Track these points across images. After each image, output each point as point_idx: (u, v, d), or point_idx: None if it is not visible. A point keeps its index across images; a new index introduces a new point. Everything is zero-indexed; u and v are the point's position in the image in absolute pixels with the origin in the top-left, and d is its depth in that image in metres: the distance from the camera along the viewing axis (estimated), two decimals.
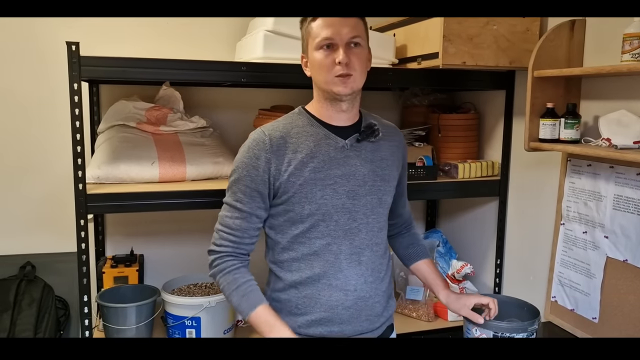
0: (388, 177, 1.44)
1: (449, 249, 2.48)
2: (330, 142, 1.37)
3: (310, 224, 1.35)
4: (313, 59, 1.34)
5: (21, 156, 2.26)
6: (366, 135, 1.40)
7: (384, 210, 1.44)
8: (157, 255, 2.43)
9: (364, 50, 1.36)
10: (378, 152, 1.43)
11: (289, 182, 1.33)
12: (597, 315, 1.80)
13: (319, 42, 1.32)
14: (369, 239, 1.38)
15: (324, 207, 1.33)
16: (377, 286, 1.42)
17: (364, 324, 1.40)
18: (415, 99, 2.52)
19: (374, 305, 1.42)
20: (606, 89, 1.78)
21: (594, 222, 1.81)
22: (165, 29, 2.34)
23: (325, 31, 1.31)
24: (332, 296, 1.37)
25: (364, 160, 1.39)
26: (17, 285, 2.17)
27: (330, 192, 1.35)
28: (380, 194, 1.42)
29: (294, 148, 1.34)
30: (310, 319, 1.38)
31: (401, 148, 1.52)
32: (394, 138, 1.50)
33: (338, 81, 1.32)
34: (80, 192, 1.71)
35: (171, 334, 2.07)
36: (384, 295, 1.46)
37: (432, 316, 2.26)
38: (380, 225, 1.43)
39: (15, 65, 2.21)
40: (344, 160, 1.37)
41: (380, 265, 1.44)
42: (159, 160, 1.97)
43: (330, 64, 1.31)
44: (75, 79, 1.66)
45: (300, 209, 1.34)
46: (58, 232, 2.30)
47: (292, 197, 1.34)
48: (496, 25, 1.94)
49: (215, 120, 2.31)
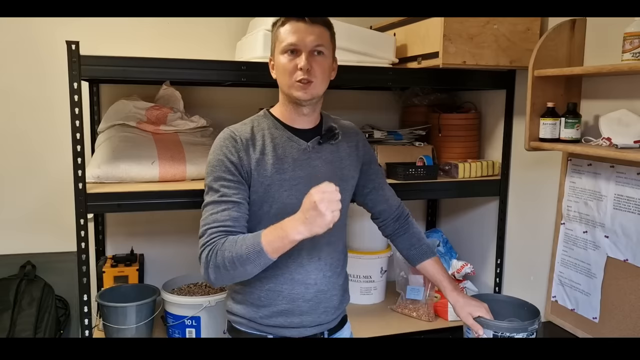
0: (346, 176, 1.52)
1: (449, 248, 2.47)
2: (294, 145, 1.44)
3: (276, 222, 1.33)
4: (278, 62, 1.41)
5: (22, 156, 2.25)
6: (327, 138, 1.48)
7: (343, 209, 1.44)
8: (157, 255, 2.42)
9: (327, 59, 1.41)
10: (337, 153, 1.51)
11: (257, 181, 1.39)
12: (597, 315, 1.79)
13: (284, 46, 1.38)
14: (328, 236, 1.38)
15: (289, 207, 1.35)
16: (334, 280, 1.50)
17: (322, 316, 1.48)
18: (415, 98, 2.52)
19: (332, 298, 1.50)
20: (607, 89, 1.77)
21: (595, 222, 1.81)
22: (166, 28, 2.33)
23: (291, 37, 1.37)
24: (293, 289, 1.44)
25: (325, 162, 1.47)
26: (17, 285, 2.17)
27: (294, 193, 1.40)
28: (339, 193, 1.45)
29: (260, 149, 1.41)
30: (273, 310, 1.44)
31: (360, 147, 1.58)
32: (352, 138, 1.57)
33: (299, 86, 1.38)
34: (80, 191, 1.71)
35: (171, 333, 2.07)
36: (340, 289, 1.54)
37: (432, 316, 2.25)
38: (340, 223, 1.41)
39: (15, 65, 2.21)
40: (306, 161, 1.44)
41: (338, 261, 1.52)
42: (159, 160, 1.97)
43: (293, 69, 1.37)
44: (75, 78, 1.66)
45: (267, 207, 1.40)
46: (58, 232, 2.29)
47: (261, 197, 1.40)
48: (497, 24, 1.94)
49: (216, 119, 2.30)
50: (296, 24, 1.37)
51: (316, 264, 1.45)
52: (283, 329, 1.46)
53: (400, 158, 2.24)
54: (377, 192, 1.64)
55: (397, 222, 1.68)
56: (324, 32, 1.41)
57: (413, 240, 1.67)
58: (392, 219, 1.68)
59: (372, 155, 1.64)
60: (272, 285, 1.44)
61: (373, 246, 2.39)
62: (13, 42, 2.20)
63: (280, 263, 1.39)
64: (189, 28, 2.36)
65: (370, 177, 1.62)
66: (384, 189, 1.66)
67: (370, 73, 2.01)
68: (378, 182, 1.64)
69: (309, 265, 1.44)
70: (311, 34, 1.37)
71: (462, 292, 1.66)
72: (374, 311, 2.36)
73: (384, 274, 2.46)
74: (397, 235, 1.69)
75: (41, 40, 2.21)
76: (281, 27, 1.40)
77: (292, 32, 1.37)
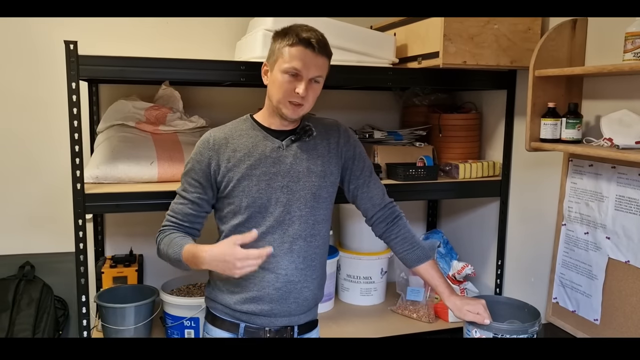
0: (324, 173, 1.57)
1: (449, 249, 2.46)
2: (267, 143, 1.53)
3: (248, 215, 1.50)
4: (276, 77, 1.48)
5: (20, 156, 2.25)
6: (300, 135, 1.55)
7: (320, 205, 1.56)
8: (157, 256, 2.41)
9: (320, 86, 1.51)
10: (314, 150, 1.57)
11: (228, 176, 1.51)
12: (598, 316, 1.78)
13: (287, 68, 1.45)
14: (302, 230, 1.53)
15: (259, 200, 1.50)
16: (307, 273, 1.55)
17: (292, 306, 1.54)
18: (415, 98, 2.51)
19: (302, 290, 1.55)
20: (608, 89, 1.76)
21: (596, 223, 1.80)
22: (165, 28, 2.33)
23: (296, 62, 1.44)
24: (264, 278, 1.52)
25: (299, 159, 1.54)
26: (16, 285, 2.16)
27: (264, 187, 1.50)
28: (315, 189, 1.54)
29: (234, 148, 1.52)
30: (245, 297, 1.53)
31: (342, 143, 1.62)
32: (333, 135, 1.62)
33: (290, 106, 1.48)
34: (78, 191, 1.70)
35: (170, 334, 2.06)
36: (314, 283, 1.58)
37: (433, 317, 2.25)
38: (317, 219, 1.56)
39: (13, 65, 2.20)
40: (278, 158, 1.52)
41: (314, 255, 1.57)
42: (158, 160, 1.96)
43: (290, 91, 1.46)
44: (74, 78, 1.66)
45: (239, 201, 1.51)
46: (57, 232, 2.29)
47: (232, 191, 1.51)
48: (497, 24, 1.93)
49: (215, 119, 2.29)
50: (304, 51, 1.44)
51: (287, 256, 1.52)
52: (254, 316, 1.53)
53: (401, 158, 2.23)
54: (361, 189, 1.66)
55: (385, 224, 1.68)
56: (326, 63, 1.49)
57: (405, 245, 1.66)
58: (378, 219, 1.68)
59: (356, 151, 1.65)
60: None
61: (373, 247, 2.38)
62: (11, 42, 2.19)
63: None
64: (188, 28, 2.35)
65: (354, 174, 1.65)
66: (369, 187, 1.67)
67: (370, 73, 2.00)
68: (363, 180, 1.66)
69: (280, 256, 1.51)
70: (315, 64, 1.45)
71: (458, 295, 1.66)
72: (374, 312, 2.35)
73: (384, 275, 2.45)
74: (389, 239, 1.69)
75: (39, 40, 2.20)
76: (289, 47, 1.45)
77: (298, 57, 1.44)
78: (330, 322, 2.22)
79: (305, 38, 1.43)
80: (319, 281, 1.61)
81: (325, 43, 1.48)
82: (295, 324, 1.58)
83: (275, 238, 1.51)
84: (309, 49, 1.43)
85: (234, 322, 1.55)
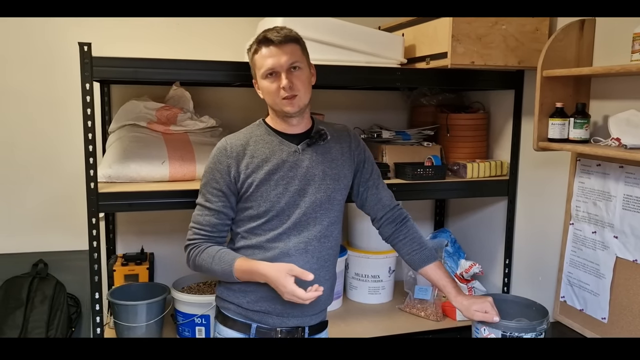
0: (338, 176, 1.60)
1: (457, 248, 2.47)
2: (284, 148, 1.55)
3: (267, 219, 1.53)
4: (262, 86, 1.53)
5: (34, 156, 2.28)
6: (315, 139, 1.58)
7: (334, 207, 1.59)
8: (167, 254, 2.44)
9: (304, 71, 1.53)
10: (328, 154, 1.60)
11: (247, 183, 1.52)
12: (606, 315, 1.79)
13: (264, 72, 1.50)
14: (317, 231, 1.56)
15: (278, 205, 1.52)
16: (321, 274, 1.56)
17: (305, 306, 1.54)
18: (423, 98, 2.52)
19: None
20: (616, 89, 1.77)
21: (604, 222, 1.80)
22: (176, 29, 2.35)
23: (267, 62, 1.49)
24: None
25: (315, 162, 1.56)
26: (29, 283, 2.20)
27: (282, 191, 1.53)
28: (330, 192, 1.57)
29: (252, 154, 1.54)
30: (259, 296, 1.53)
31: (353, 148, 1.66)
32: (345, 139, 1.65)
33: (285, 102, 1.51)
34: (91, 190, 1.73)
35: (181, 331, 2.09)
36: (327, 284, 1.59)
37: (441, 316, 2.26)
38: (331, 220, 1.59)
39: (28, 66, 2.23)
40: (295, 162, 1.55)
41: (327, 256, 1.59)
42: (169, 160, 1.99)
43: (277, 90, 1.50)
44: (87, 79, 1.68)
45: (257, 206, 1.53)
46: (70, 231, 2.32)
47: (251, 196, 1.53)
48: (505, 24, 1.94)
49: (225, 120, 2.32)
50: (267, 49, 1.49)
51: (303, 256, 1.54)
52: (266, 315, 1.54)
53: (409, 158, 2.24)
54: (371, 191, 1.70)
55: (393, 225, 1.70)
56: (295, 48, 1.51)
57: (414, 245, 1.68)
58: (387, 221, 1.70)
59: (366, 155, 1.70)
60: None
61: (381, 246, 2.38)
62: (25, 44, 2.22)
63: (269, 254, 1.52)
64: (198, 29, 2.38)
65: (364, 177, 1.69)
66: (378, 190, 1.70)
67: (378, 73, 2.02)
68: (372, 182, 1.70)
69: (295, 256, 1.53)
70: (284, 54, 1.48)
71: (465, 294, 1.67)
72: (382, 311, 2.37)
73: (392, 274, 2.47)
74: (397, 240, 1.71)
75: (53, 41, 2.23)
76: (255, 54, 1.52)
77: (266, 57, 1.49)
78: (338, 321, 2.23)
79: (262, 38, 1.49)
80: (331, 282, 1.63)
81: (285, 32, 1.50)
82: (307, 325, 1.59)
83: (292, 239, 1.53)
84: (270, 44, 1.48)
85: (246, 322, 1.56)
